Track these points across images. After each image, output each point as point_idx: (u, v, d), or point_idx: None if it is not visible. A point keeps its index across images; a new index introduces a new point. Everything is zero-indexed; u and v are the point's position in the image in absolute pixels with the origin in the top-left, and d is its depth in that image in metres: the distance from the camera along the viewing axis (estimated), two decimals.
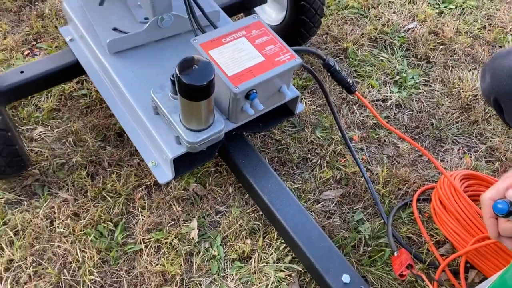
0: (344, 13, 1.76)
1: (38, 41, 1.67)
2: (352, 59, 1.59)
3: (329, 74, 1.14)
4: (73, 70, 1.27)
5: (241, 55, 1.00)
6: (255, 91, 0.98)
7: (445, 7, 1.80)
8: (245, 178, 1.12)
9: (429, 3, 1.82)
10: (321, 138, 1.34)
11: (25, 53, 1.62)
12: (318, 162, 1.29)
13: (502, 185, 0.72)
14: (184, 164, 1.08)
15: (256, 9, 1.62)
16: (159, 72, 1.14)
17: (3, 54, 1.59)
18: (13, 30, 1.70)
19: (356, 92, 1.17)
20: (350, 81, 1.17)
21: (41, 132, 1.36)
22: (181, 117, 0.96)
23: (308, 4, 1.40)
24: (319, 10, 1.44)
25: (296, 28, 1.49)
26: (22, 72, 1.21)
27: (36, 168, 1.26)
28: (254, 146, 1.18)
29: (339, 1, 1.80)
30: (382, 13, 1.76)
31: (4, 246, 1.10)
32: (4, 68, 1.54)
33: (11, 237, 1.12)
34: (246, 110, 1.00)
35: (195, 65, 0.85)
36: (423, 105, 1.46)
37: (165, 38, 1.19)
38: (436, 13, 1.77)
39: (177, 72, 0.84)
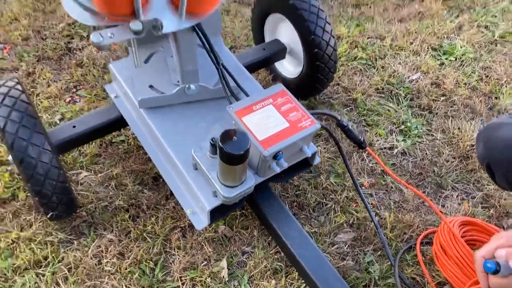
0: (354, 63, 1.94)
1: (78, 88, 1.85)
2: (361, 108, 1.76)
3: (342, 132, 1.32)
4: (118, 124, 1.44)
5: (269, 121, 1.17)
6: (281, 152, 1.15)
7: (446, 58, 1.98)
8: (269, 223, 1.29)
9: (431, 55, 2.00)
10: (335, 184, 1.51)
11: (67, 100, 1.80)
12: (333, 206, 1.45)
13: (493, 245, 0.87)
14: (217, 211, 1.24)
15: (276, 63, 1.80)
16: (195, 129, 1.31)
17: (48, 101, 1.77)
18: (55, 78, 1.89)
19: (367, 148, 1.34)
20: (362, 138, 1.34)
21: (85, 176, 1.53)
22: (218, 175, 1.13)
23: (323, 64, 1.58)
24: (332, 68, 1.61)
25: (312, 82, 1.67)
26: (74, 126, 1.39)
27: (83, 210, 1.43)
28: (276, 194, 1.34)
29: (348, 53, 1.98)
30: (389, 64, 1.94)
31: (60, 281, 1.26)
32: (49, 115, 1.72)
33: (66, 273, 1.28)
34: (272, 167, 1.17)
35: (234, 137, 1.02)
36: (426, 153, 1.62)
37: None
38: (438, 64, 1.95)
39: (220, 142, 1.01)
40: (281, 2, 1.58)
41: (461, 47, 2.01)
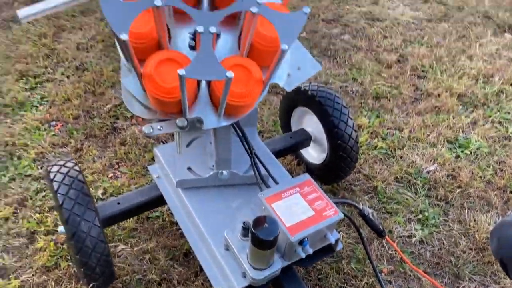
0: (374, 152, 2.09)
1: (120, 164, 2.03)
2: (381, 196, 1.87)
3: (364, 221, 1.43)
4: (158, 202, 1.59)
5: (296, 209, 1.30)
6: (307, 239, 1.26)
7: (462, 151, 2.11)
8: None
9: (447, 147, 2.13)
10: (356, 270, 1.59)
11: (110, 175, 1.97)
12: None
13: None
14: None
15: (302, 150, 1.96)
16: (228, 210, 1.44)
17: (92, 176, 1.95)
18: (100, 154, 2.08)
19: (386, 237, 1.44)
20: (381, 227, 1.45)
21: (122, 249, 1.66)
22: (248, 257, 1.24)
23: (345, 154, 1.72)
24: (353, 158, 1.76)
25: (334, 170, 1.81)
26: (118, 203, 1.54)
27: (119, 282, 1.54)
28: (300, 277, 1.43)
29: (369, 142, 2.14)
30: (407, 154, 2.08)
31: None
32: (93, 189, 1.89)
33: None
34: (298, 252, 1.27)
35: (265, 224, 1.14)
36: (443, 243, 1.70)
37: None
38: (453, 157, 2.08)
39: (252, 227, 1.13)
40: (308, 98, 1.77)
41: (476, 141, 2.14)
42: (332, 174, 1.84)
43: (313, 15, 3.21)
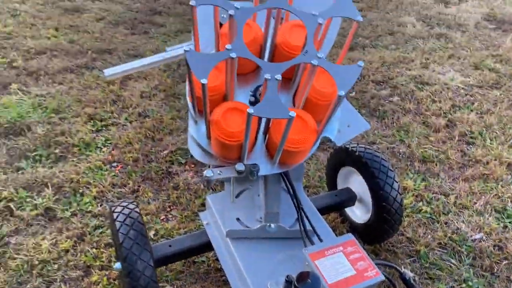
0: (418, 216, 2.11)
1: (172, 208, 2.16)
2: (424, 261, 1.88)
3: (404, 285, 1.45)
4: (206, 248, 1.69)
5: (339, 267, 1.35)
6: None
7: (510, 222, 2.08)
8: None
9: (495, 217, 2.11)
10: None
11: (162, 218, 2.10)
12: None
13: None
14: None
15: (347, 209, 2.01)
16: (272, 262, 1.50)
17: (146, 217, 2.08)
18: (155, 197, 2.22)
19: None
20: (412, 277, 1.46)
21: None
22: None
23: (389, 216, 1.76)
24: (397, 221, 1.79)
25: (377, 231, 1.84)
26: (170, 246, 1.65)
27: None
28: None
29: (414, 205, 2.16)
30: (452, 220, 2.08)
31: None
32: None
33: None
34: None
35: (308, 279, 1.21)
36: None
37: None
38: (501, 227, 2.06)
39: (295, 282, 1.20)
40: (355, 158, 1.85)
41: None
42: (375, 235, 1.88)
43: (363, 76, 3.33)
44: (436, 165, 2.45)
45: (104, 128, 2.71)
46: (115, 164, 2.43)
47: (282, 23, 1.47)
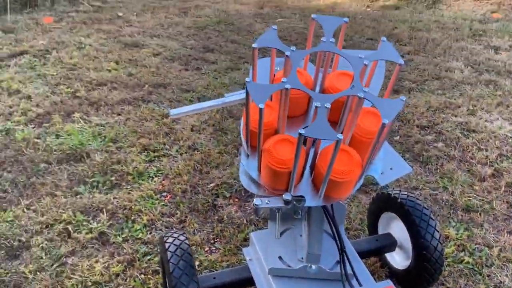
0: (460, 266, 2.10)
1: (216, 240, 2.26)
2: None
3: None
4: (248, 283, 1.76)
5: None
6: None
7: None
8: None
9: None
10: None
11: (206, 249, 2.20)
12: None
13: None
14: None
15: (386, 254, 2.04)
16: None
17: (191, 248, 2.19)
18: (200, 228, 2.34)
19: None
20: None
21: None
22: None
23: (429, 265, 1.78)
24: (437, 270, 1.81)
25: (417, 278, 1.86)
26: (214, 278, 1.74)
27: None
28: None
29: (455, 255, 2.15)
30: (495, 274, 2.06)
31: None
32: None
33: None
34: None
35: None
36: None
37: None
38: None
39: None
40: (397, 205, 1.89)
41: None
42: (414, 282, 1.89)
43: (407, 120, 3.37)
44: (480, 215, 2.43)
45: (156, 159, 2.88)
46: (165, 193, 2.58)
47: (330, 72, 1.58)
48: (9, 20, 5.34)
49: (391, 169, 1.46)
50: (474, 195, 2.59)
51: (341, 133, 1.48)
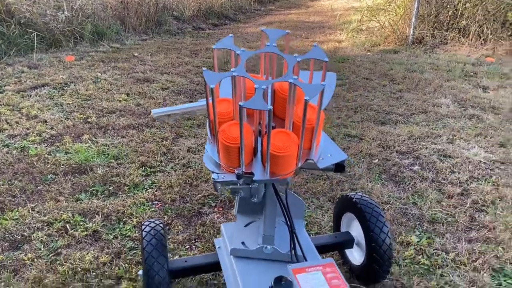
0: (416, 267, 2.28)
1: (197, 240, 2.50)
2: None
3: None
4: (216, 267, 1.99)
5: (315, 282, 1.60)
6: None
7: (505, 280, 2.19)
8: None
9: (491, 275, 2.23)
10: None
11: (186, 247, 2.44)
12: None
13: None
14: None
15: (347, 251, 2.24)
16: (266, 279, 1.77)
17: (173, 245, 2.43)
18: (184, 230, 2.58)
19: None
20: None
21: None
22: None
23: (379, 256, 1.98)
24: (386, 262, 2.00)
25: (370, 271, 2.05)
26: (185, 261, 1.98)
27: None
28: None
29: (414, 258, 2.34)
30: (448, 274, 2.23)
31: None
32: (172, 255, 2.35)
33: None
34: None
35: (283, 281, 1.48)
36: None
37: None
38: (495, 284, 2.17)
39: (272, 283, 1.47)
40: (353, 204, 2.12)
41: None
42: (368, 275, 2.08)
43: (388, 146, 3.61)
44: (443, 225, 2.62)
45: (152, 174, 3.18)
46: (156, 202, 2.85)
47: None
48: (35, 58, 5.88)
49: (329, 155, 1.71)
50: (441, 209, 2.78)
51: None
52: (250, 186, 1.78)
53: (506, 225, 2.61)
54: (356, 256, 2.20)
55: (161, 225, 1.94)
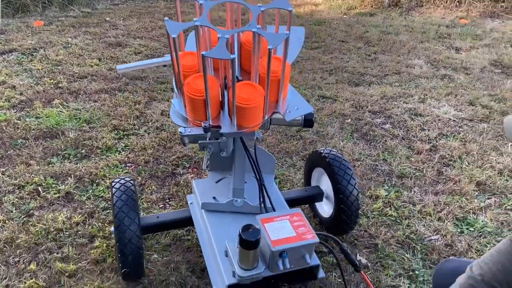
0: (384, 218, 2.36)
1: (171, 199, 2.52)
2: (380, 253, 2.12)
3: (342, 254, 1.72)
4: (188, 222, 2.02)
5: (283, 230, 1.65)
6: (286, 253, 1.59)
7: (467, 228, 2.29)
8: None
9: (454, 223, 2.33)
10: None
11: (160, 205, 2.46)
12: None
13: None
14: None
15: (317, 205, 2.30)
16: (236, 230, 1.81)
17: (147, 204, 2.45)
18: (158, 190, 2.60)
19: (361, 272, 1.71)
20: (357, 263, 1.72)
21: (155, 258, 2.08)
22: (238, 259, 1.60)
23: (346, 208, 2.04)
24: (354, 213, 2.06)
25: (339, 223, 2.11)
26: (157, 217, 2.00)
27: (146, 280, 1.94)
28: None
29: (382, 210, 2.41)
30: (414, 224, 2.31)
31: None
32: (145, 213, 2.37)
33: None
34: (278, 264, 1.60)
35: (250, 229, 1.52)
36: None
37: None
38: (457, 231, 2.27)
39: (240, 230, 1.51)
40: (322, 159, 2.16)
41: (482, 221, 2.32)
42: (337, 226, 2.15)
43: (361, 107, 3.66)
44: (411, 180, 2.70)
45: (125, 137, 3.15)
46: (129, 164, 2.84)
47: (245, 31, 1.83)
48: (1, 24, 5.67)
49: (296, 108, 1.73)
50: (410, 165, 2.85)
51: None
52: (219, 140, 1.80)
53: (471, 177, 2.71)
54: (325, 208, 2.27)
55: (132, 181, 1.95)
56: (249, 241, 1.49)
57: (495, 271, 1.19)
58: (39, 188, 2.55)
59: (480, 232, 2.27)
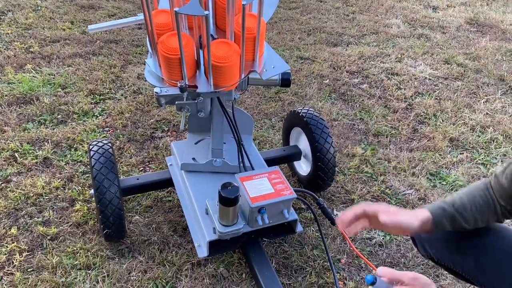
0: (360, 175, 2.42)
1: (150, 162, 2.53)
2: None
3: (319, 209, 1.77)
4: (167, 183, 2.04)
5: (261, 187, 1.68)
6: (264, 209, 1.63)
7: (439, 182, 2.38)
8: (257, 277, 1.70)
9: (428, 178, 2.41)
10: (316, 256, 1.91)
11: (140, 168, 2.47)
12: (310, 271, 1.84)
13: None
14: (215, 248, 1.71)
15: (295, 163, 2.35)
16: (216, 188, 1.84)
17: (127, 167, 2.45)
18: (137, 154, 2.60)
19: (338, 226, 1.77)
20: (334, 217, 1.78)
21: (136, 219, 2.10)
22: (218, 216, 1.63)
23: (323, 165, 2.09)
24: (330, 170, 2.11)
25: (316, 180, 2.17)
26: (137, 179, 2.01)
27: (128, 240, 1.97)
28: (265, 252, 1.78)
29: (358, 167, 2.47)
30: (389, 179, 2.39)
31: (100, 280, 1.77)
32: (125, 176, 2.38)
33: (105, 276, 1.79)
34: (258, 220, 1.65)
35: (229, 187, 1.55)
36: (400, 249, 1.97)
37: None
38: (430, 186, 2.35)
39: (219, 188, 1.54)
40: (300, 118, 2.19)
41: (454, 175, 2.41)
42: (315, 183, 2.20)
43: (339, 67, 3.67)
44: (387, 137, 2.76)
45: (101, 101, 3.11)
46: (107, 128, 2.82)
47: None
48: None
49: (273, 67, 1.73)
50: (386, 123, 2.91)
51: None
52: (196, 101, 1.79)
53: (444, 134, 2.78)
54: (303, 167, 2.31)
55: (109, 144, 1.94)
56: (228, 198, 1.53)
57: None
58: (16, 154, 2.52)
59: (452, 185, 2.36)
